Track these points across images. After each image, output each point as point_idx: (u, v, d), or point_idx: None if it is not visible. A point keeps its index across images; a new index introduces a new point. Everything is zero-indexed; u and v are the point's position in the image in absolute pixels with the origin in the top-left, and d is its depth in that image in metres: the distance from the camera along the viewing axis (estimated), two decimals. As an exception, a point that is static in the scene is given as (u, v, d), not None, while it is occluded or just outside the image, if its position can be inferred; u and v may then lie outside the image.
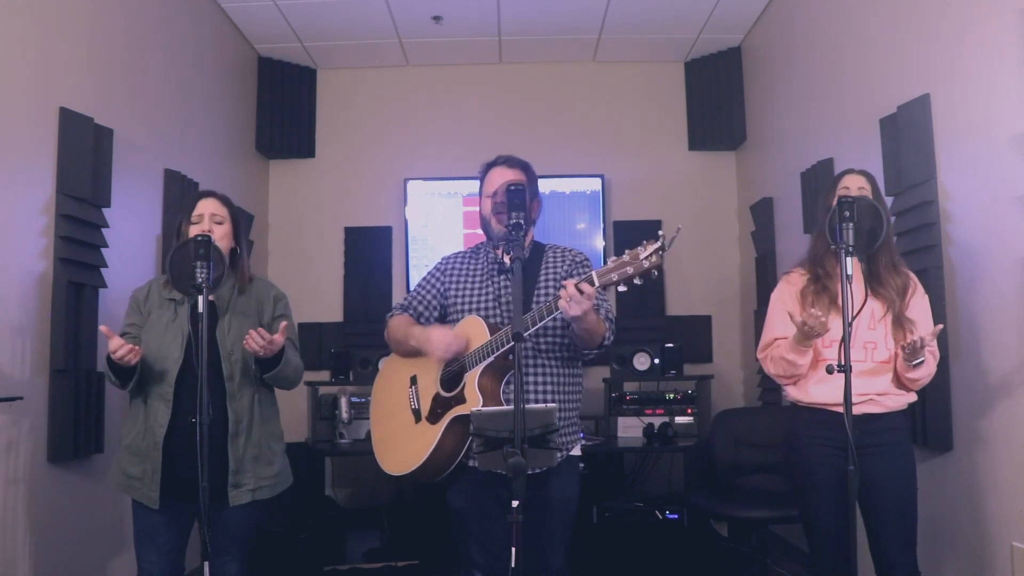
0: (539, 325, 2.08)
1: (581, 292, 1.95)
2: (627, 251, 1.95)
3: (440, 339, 2.22)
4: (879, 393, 2.31)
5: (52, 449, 2.73)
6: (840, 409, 2.25)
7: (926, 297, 2.42)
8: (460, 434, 2.19)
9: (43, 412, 2.72)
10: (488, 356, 2.15)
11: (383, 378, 2.51)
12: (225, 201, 2.43)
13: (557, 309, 2.02)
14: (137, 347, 2.19)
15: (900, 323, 2.33)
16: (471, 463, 2.25)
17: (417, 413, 2.29)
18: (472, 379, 2.16)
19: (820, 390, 2.32)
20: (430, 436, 2.21)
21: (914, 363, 2.24)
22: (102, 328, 2.18)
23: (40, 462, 2.69)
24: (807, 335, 2.25)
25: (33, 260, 2.69)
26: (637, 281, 1.93)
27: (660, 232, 1.91)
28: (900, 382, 2.34)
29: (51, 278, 2.75)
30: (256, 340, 2.23)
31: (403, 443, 2.30)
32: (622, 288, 1.95)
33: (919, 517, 2.34)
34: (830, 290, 2.34)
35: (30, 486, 2.62)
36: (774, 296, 2.52)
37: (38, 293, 2.70)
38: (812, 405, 2.36)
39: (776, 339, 2.43)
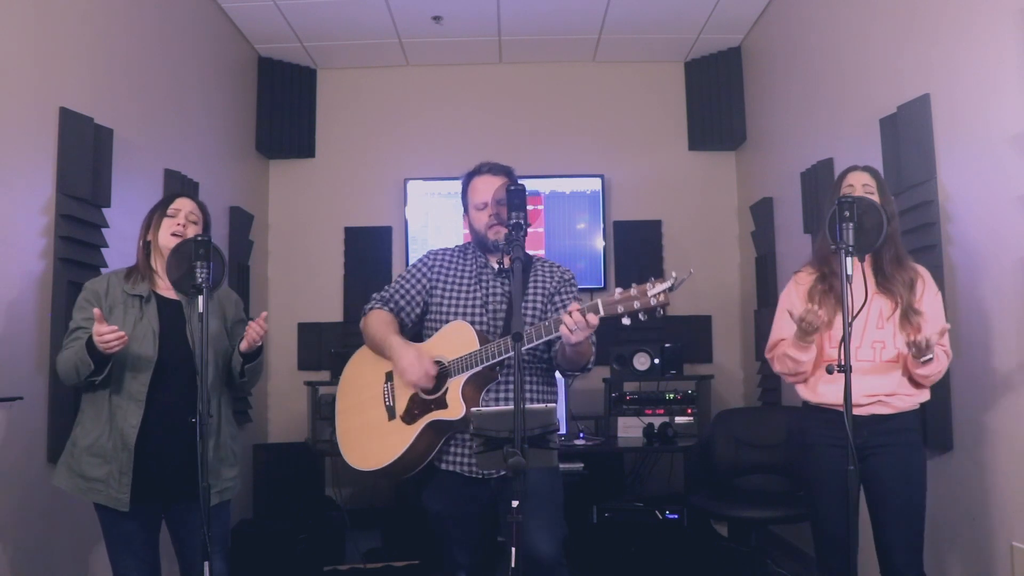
0: (533, 344, 2.08)
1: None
2: (635, 285, 1.94)
3: (412, 368, 2.18)
4: (888, 394, 2.30)
5: (52, 449, 2.72)
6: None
7: (939, 295, 2.40)
8: (433, 437, 2.20)
9: (43, 412, 2.72)
10: (477, 365, 2.14)
11: (354, 369, 2.46)
12: (201, 206, 2.46)
13: (555, 332, 2.02)
14: (125, 335, 2.13)
15: (908, 317, 2.31)
16: (444, 466, 2.26)
17: (391, 411, 2.28)
18: (456, 386, 2.16)
19: (829, 390, 2.32)
20: (404, 436, 2.21)
21: (923, 360, 2.23)
22: (96, 311, 2.15)
23: (40, 462, 2.69)
24: (806, 331, 2.27)
25: (33, 260, 2.69)
26: (642, 317, 1.93)
27: (673, 273, 1.91)
28: (912, 379, 2.32)
29: (51, 278, 2.75)
30: (257, 331, 2.29)
31: (373, 439, 2.29)
32: (626, 321, 1.94)
33: (919, 517, 2.34)
34: (836, 289, 2.34)
35: (29, 486, 2.62)
36: (782, 296, 2.53)
37: (38, 293, 2.70)
38: (821, 405, 2.37)
39: (782, 339, 2.44)
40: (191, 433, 2.15)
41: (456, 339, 2.22)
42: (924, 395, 2.36)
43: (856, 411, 2.26)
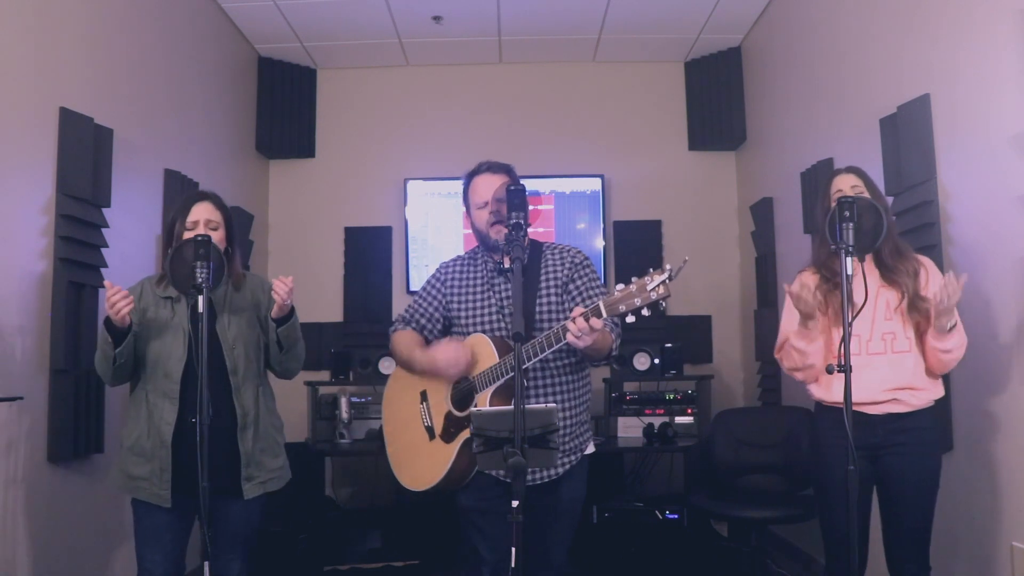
0: (544, 355, 2.09)
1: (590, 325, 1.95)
2: (634, 280, 1.94)
3: (446, 358, 2.21)
4: (902, 387, 2.29)
5: (52, 449, 2.72)
6: (865, 409, 2.29)
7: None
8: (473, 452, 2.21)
9: (43, 412, 2.72)
10: (497, 379, 2.16)
11: (392, 391, 2.51)
12: (219, 204, 2.44)
13: (563, 340, 2.02)
14: (131, 297, 2.19)
15: (915, 305, 2.31)
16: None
17: (431, 431, 2.31)
18: (483, 401, 2.17)
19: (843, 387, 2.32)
20: (445, 455, 2.23)
21: (948, 327, 2.20)
22: (106, 282, 2.19)
23: (40, 462, 2.69)
24: (805, 314, 2.29)
25: (33, 260, 2.69)
26: (645, 312, 1.92)
27: (667, 265, 1.90)
28: (928, 368, 2.30)
29: (51, 278, 2.75)
30: (283, 288, 2.29)
31: (418, 459, 2.32)
32: (630, 319, 1.93)
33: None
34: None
35: (30, 486, 2.62)
36: (788, 297, 2.53)
37: (38, 293, 2.70)
38: (836, 404, 2.35)
39: (788, 337, 2.44)
40: (226, 428, 2.22)
41: (476, 353, 2.23)
42: (938, 390, 2.34)
43: (872, 409, 2.29)
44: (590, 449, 2.36)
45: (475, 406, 2.19)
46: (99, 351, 2.29)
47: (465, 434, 2.19)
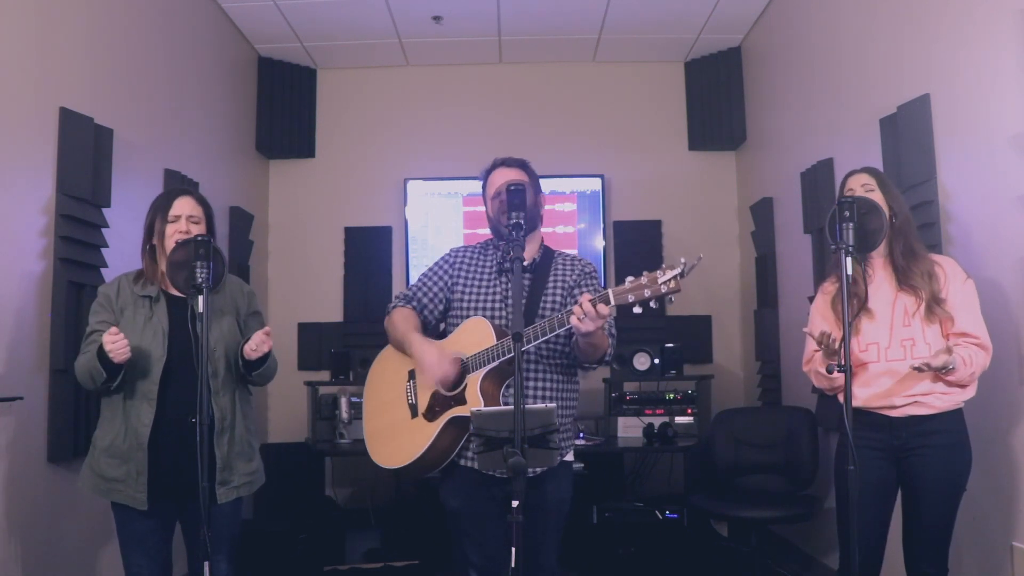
0: (546, 338, 2.09)
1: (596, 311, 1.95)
2: (646, 273, 1.94)
3: (433, 367, 2.20)
4: (923, 393, 2.26)
5: (52, 449, 2.73)
6: (885, 412, 2.30)
7: (969, 283, 2.31)
8: (456, 434, 2.20)
9: (43, 412, 2.72)
10: (492, 361, 2.15)
11: (378, 369, 2.47)
12: (201, 201, 2.42)
13: (567, 324, 2.02)
14: (127, 343, 2.15)
15: (932, 309, 2.27)
16: (464, 463, 2.26)
17: (414, 408, 2.29)
18: (474, 382, 2.16)
19: (863, 392, 2.31)
20: (427, 433, 2.21)
21: (943, 373, 2.20)
22: (112, 328, 2.16)
23: (40, 462, 2.69)
24: (827, 352, 2.29)
25: (33, 260, 2.69)
26: (653, 304, 1.92)
27: (682, 259, 1.90)
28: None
29: (51, 278, 2.75)
30: (265, 341, 2.29)
31: (397, 437, 2.30)
32: (637, 310, 1.94)
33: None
34: (858, 294, 2.31)
35: (30, 486, 2.62)
36: (812, 308, 2.54)
37: (38, 293, 2.70)
38: (856, 407, 2.35)
39: (814, 351, 2.44)
40: (206, 430, 2.16)
41: (474, 335, 2.22)
42: (968, 392, 2.29)
43: (893, 413, 2.30)
44: (569, 457, 2.34)
45: (466, 387, 2.18)
46: (86, 369, 2.23)
47: (451, 413, 2.18)
